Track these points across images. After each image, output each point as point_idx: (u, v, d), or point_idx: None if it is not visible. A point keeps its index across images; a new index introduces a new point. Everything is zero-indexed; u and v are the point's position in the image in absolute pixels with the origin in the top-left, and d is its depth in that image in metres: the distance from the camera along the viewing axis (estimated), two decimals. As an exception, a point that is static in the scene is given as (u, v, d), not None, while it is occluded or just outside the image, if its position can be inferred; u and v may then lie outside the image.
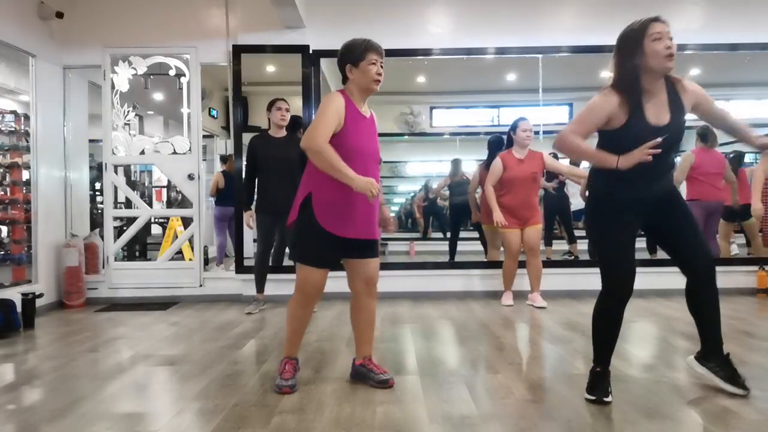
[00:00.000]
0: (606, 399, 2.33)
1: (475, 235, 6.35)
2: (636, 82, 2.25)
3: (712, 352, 2.46)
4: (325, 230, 2.48)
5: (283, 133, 4.51)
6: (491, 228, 5.17)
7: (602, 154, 2.29)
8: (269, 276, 4.71)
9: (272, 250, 4.68)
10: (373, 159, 2.57)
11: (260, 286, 4.66)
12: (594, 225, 2.46)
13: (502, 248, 5.23)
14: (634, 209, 2.37)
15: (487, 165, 5.21)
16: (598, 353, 2.41)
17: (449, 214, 7.04)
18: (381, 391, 2.56)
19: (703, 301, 2.43)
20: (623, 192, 2.33)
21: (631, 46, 2.24)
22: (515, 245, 4.71)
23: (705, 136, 5.18)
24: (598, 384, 2.37)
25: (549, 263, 5.34)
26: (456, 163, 6.87)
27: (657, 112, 2.27)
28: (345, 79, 2.58)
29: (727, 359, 2.45)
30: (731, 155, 5.82)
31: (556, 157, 5.15)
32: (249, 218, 4.51)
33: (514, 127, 4.72)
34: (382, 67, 2.54)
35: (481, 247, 6.11)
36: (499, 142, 5.26)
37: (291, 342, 2.67)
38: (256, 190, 4.55)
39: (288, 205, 2.66)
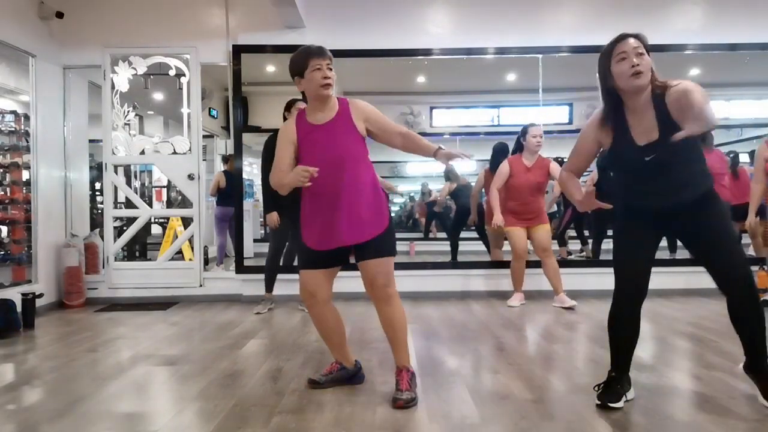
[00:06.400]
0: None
1: (476, 235, 6.36)
2: (610, 105, 2.26)
3: (750, 363, 2.32)
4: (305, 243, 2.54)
5: None
6: (494, 229, 5.17)
7: (577, 192, 2.37)
8: (279, 276, 4.69)
9: (284, 251, 4.65)
10: (341, 161, 2.40)
11: (270, 285, 4.64)
12: (614, 229, 2.49)
13: (504, 248, 5.26)
14: (643, 218, 2.32)
15: (492, 169, 5.21)
16: (612, 357, 2.42)
17: (455, 215, 7.04)
18: (381, 392, 2.55)
19: (738, 319, 2.27)
20: (633, 201, 2.34)
21: (603, 71, 2.26)
22: (520, 244, 4.68)
23: (703, 139, 5.17)
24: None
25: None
26: (452, 170, 6.75)
27: (645, 130, 2.20)
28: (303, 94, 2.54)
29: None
30: (731, 155, 5.83)
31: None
32: (275, 222, 4.29)
33: (524, 132, 4.71)
34: (330, 69, 2.41)
35: (482, 248, 6.11)
36: (504, 150, 5.25)
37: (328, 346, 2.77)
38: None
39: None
